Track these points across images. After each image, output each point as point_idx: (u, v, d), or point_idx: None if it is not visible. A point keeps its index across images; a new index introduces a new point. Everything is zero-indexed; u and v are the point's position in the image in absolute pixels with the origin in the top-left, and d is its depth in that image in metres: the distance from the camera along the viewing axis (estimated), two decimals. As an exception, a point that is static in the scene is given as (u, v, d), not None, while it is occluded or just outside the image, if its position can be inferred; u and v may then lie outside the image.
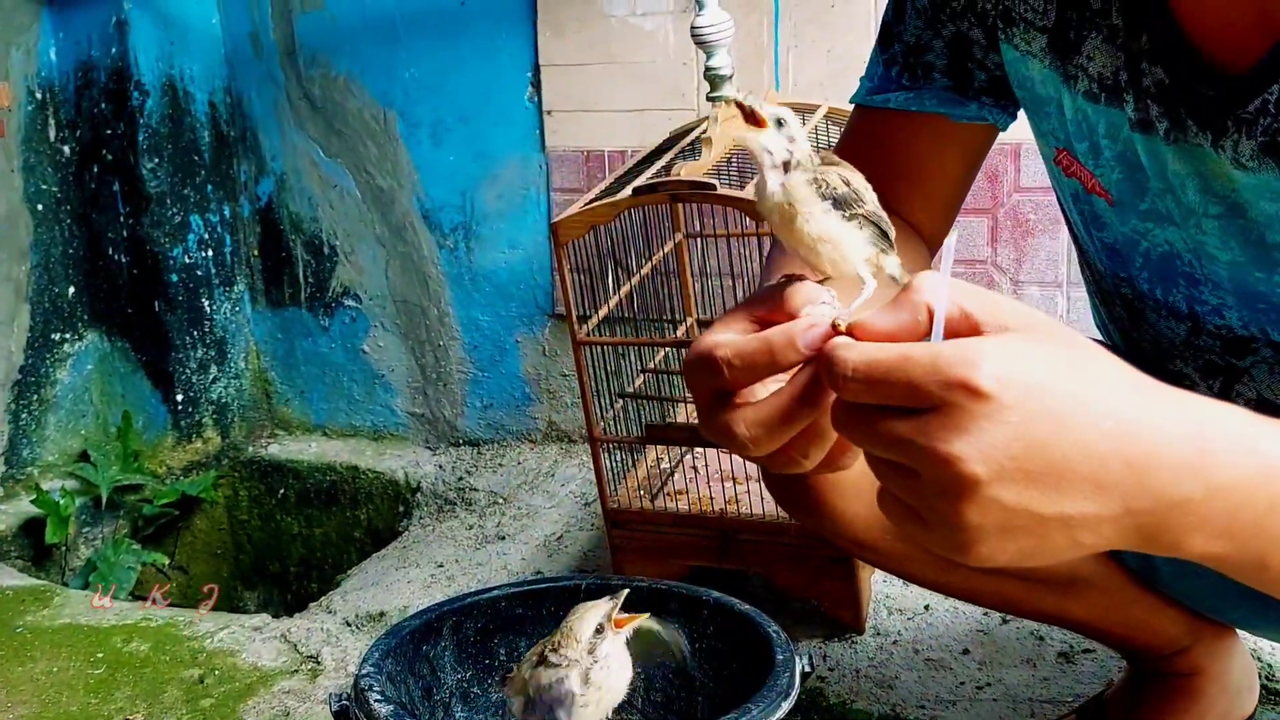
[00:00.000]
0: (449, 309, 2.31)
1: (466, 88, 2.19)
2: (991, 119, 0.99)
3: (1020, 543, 0.56)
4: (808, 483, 0.98)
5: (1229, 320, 0.93)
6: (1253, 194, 0.83)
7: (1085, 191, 0.96)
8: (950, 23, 0.95)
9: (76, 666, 1.62)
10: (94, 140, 2.29)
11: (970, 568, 1.04)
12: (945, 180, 1.04)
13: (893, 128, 1.00)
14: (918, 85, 0.98)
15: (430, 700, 1.08)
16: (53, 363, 2.32)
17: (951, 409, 0.55)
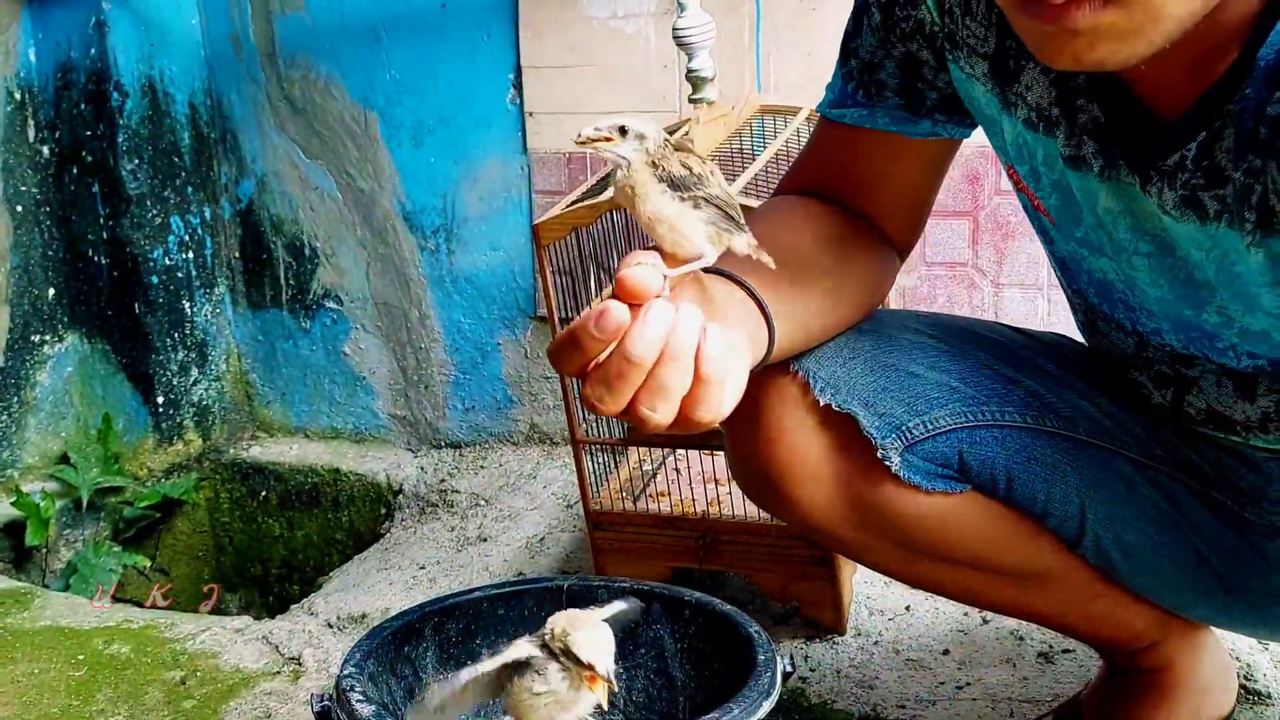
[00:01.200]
0: (430, 311, 2.31)
1: (447, 90, 2.19)
2: (946, 134, 1.01)
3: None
4: (769, 474, 1.01)
5: (1168, 341, 0.95)
6: (1179, 239, 0.84)
7: (1033, 208, 0.98)
8: (900, 43, 0.97)
9: (57, 668, 1.62)
10: (74, 141, 2.28)
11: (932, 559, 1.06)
12: (906, 189, 1.06)
13: (850, 140, 1.02)
14: (871, 103, 0.99)
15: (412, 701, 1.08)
16: (33, 365, 2.31)
17: None
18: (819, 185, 1.05)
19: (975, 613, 1.57)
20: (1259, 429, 0.96)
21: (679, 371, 0.71)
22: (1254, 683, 1.36)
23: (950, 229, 1.91)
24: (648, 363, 0.70)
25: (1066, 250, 0.98)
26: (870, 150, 1.02)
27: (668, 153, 0.76)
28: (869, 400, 0.98)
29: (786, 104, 1.77)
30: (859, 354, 1.00)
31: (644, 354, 0.70)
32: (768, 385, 0.99)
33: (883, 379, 1.00)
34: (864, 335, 1.02)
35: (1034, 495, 1.04)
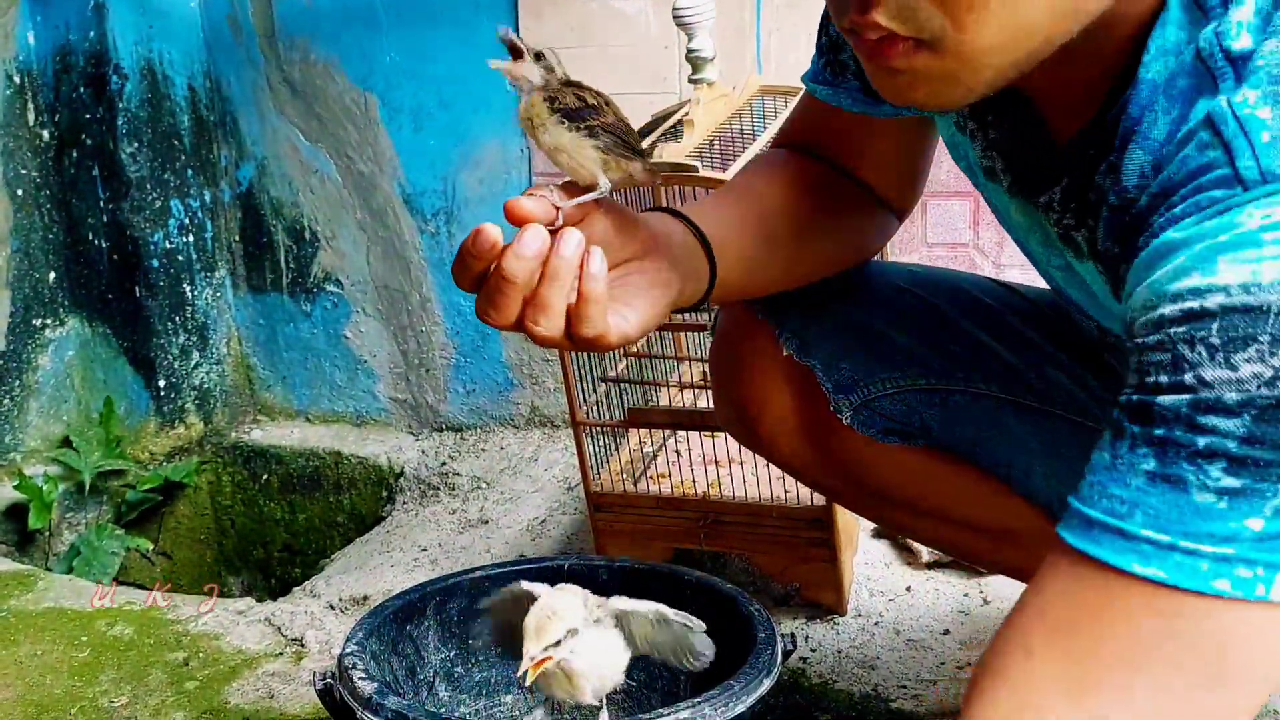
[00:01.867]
0: (431, 294, 2.31)
1: (447, 72, 2.18)
2: (912, 113, 0.99)
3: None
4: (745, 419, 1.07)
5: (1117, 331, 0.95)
6: (1074, 263, 0.84)
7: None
8: None
9: (61, 650, 1.62)
10: (73, 125, 2.28)
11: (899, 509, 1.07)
12: (889, 157, 1.06)
13: (827, 113, 1.04)
14: (836, 83, 1.00)
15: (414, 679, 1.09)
16: (34, 349, 2.31)
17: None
18: (807, 141, 1.07)
19: (976, 593, 1.58)
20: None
21: (557, 289, 0.77)
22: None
23: (951, 209, 1.91)
24: (520, 280, 0.76)
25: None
26: (845, 125, 1.03)
27: (560, 87, 0.82)
28: (831, 357, 1.02)
29: (787, 85, 1.76)
30: (831, 312, 1.04)
31: (515, 271, 0.76)
32: (744, 334, 1.05)
33: (850, 338, 1.04)
34: (842, 292, 1.05)
35: (997, 462, 1.06)
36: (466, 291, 0.80)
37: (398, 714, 0.92)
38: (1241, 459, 0.61)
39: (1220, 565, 0.62)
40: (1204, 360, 0.61)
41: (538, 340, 0.80)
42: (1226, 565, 0.62)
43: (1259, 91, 0.63)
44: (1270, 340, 0.60)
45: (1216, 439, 0.61)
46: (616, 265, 0.84)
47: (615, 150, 0.81)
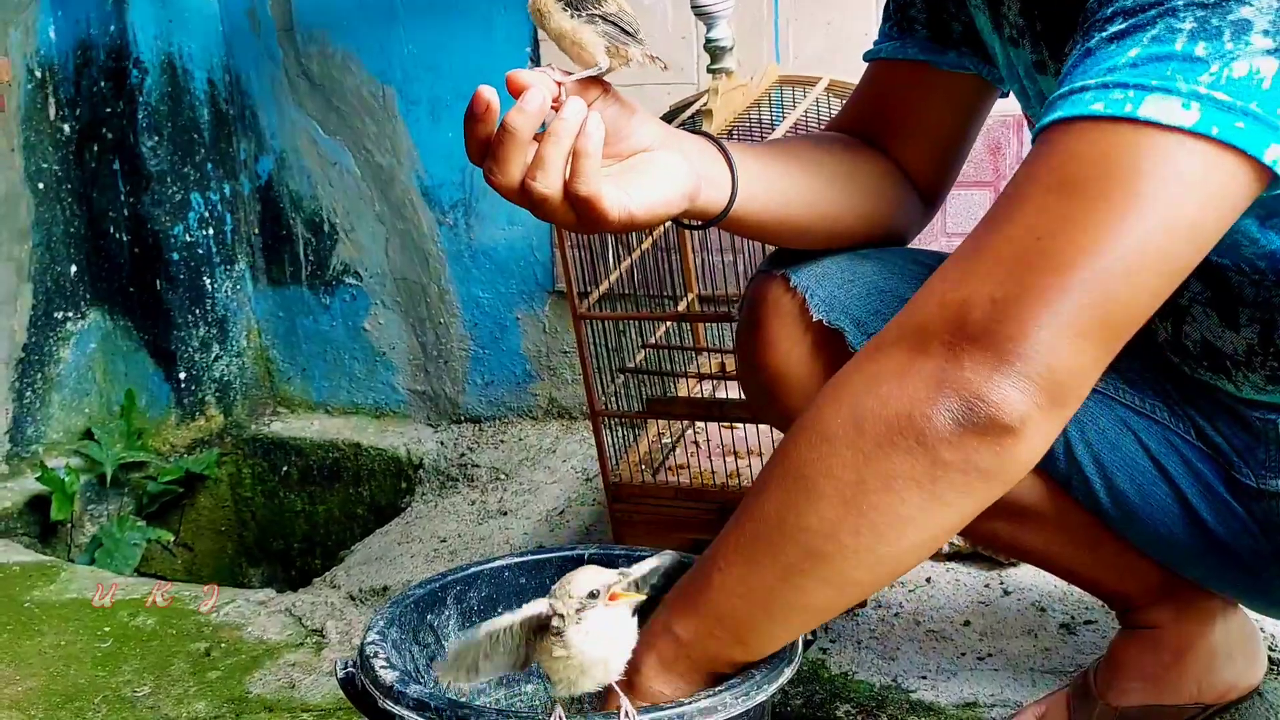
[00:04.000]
0: (449, 286, 2.31)
1: (464, 64, 2.19)
2: (974, 69, 1.08)
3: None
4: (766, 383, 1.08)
5: None
6: None
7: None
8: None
9: (84, 641, 1.64)
10: (94, 119, 2.29)
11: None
12: (936, 127, 1.12)
13: (885, 75, 1.11)
14: (903, 36, 1.09)
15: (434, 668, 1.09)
16: (56, 341, 2.33)
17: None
18: (856, 123, 1.13)
19: (997, 583, 1.57)
20: (1246, 365, 0.98)
21: (556, 147, 0.82)
22: (1277, 652, 1.35)
23: (971, 199, 1.90)
24: (521, 134, 0.81)
25: None
26: (903, 81, 1.09)
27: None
28: (860, 319, 1.03)
29: (805, 74, 1.75)
30: (859, 277, 1.05)
31: (518, 125, 0.81)
32: (769, 298, 1.06)
33: (877, 301, 1.04)
34: (868, 259, 1.07)
35: None
36: (475, 163, 0.85)
37: (419, 702, 0.92)
38: (1131, 9, 0.76)
39: (1100, 90, 0.76)
40: None
41: (537, 201, 0.83)
42: (1104, 90, 0.76)
43: None
44: None
45: (1118, 3, 0.76)
46: (629, 154, 0.89)
47: (614, 37, 0.88)
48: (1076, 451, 1.07)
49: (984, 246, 0.80)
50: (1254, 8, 0.73)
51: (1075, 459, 1.07)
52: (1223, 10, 0.73)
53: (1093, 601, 1.45)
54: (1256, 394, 1.01)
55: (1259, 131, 0.74)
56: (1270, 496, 1.03)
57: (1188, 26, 0.74)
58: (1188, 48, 0.73)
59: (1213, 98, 0.73)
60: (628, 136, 0.89)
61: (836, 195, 1.04)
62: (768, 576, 0.86)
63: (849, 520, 0.82)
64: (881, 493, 0.80)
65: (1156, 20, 0.74)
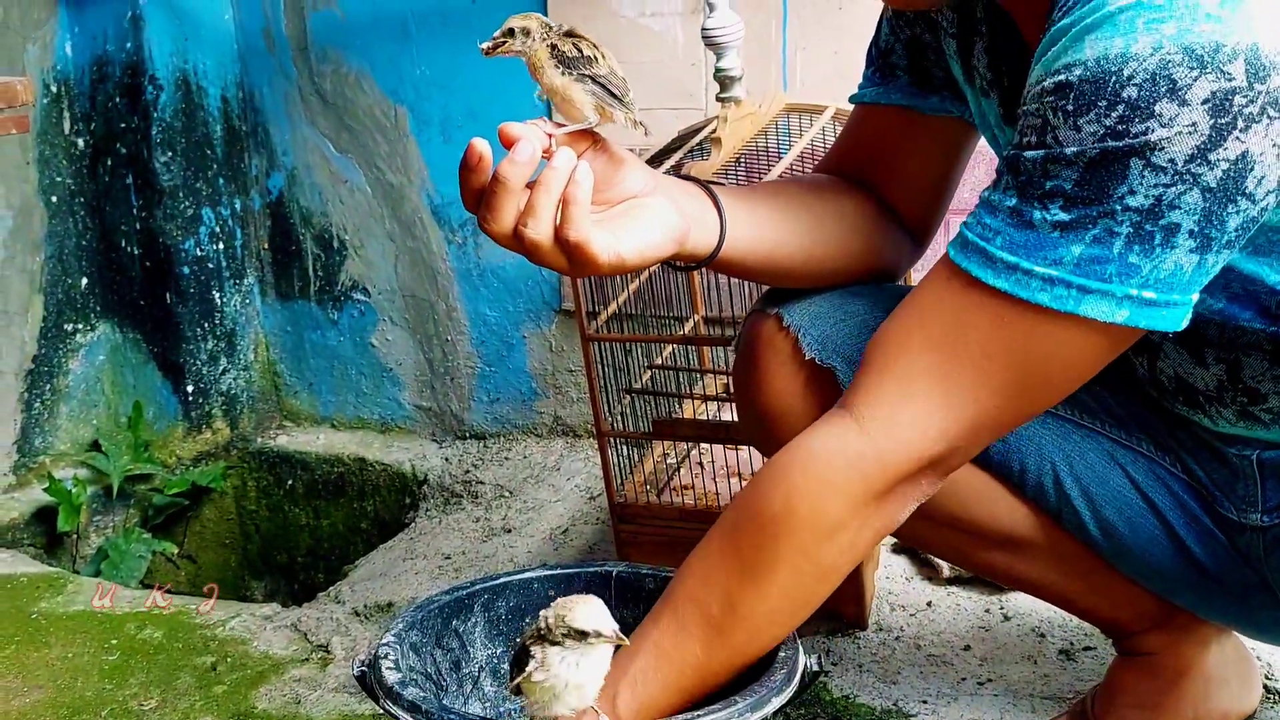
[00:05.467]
0: (457, 304, 2.33)
1: (476, 85, 2.21)
2: (956, 111, 1.11)
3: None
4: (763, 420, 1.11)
5: None
6: None
7: None
8: (906, 28, 1.10)
9: (91, 653, 1.65)
10: (108, 134, 2.32)
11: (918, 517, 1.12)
12: (922, 168, 1.15)
13: (872, 119, 1.15)
14: (886, 82, 1.12)
15: (459, 673, 1.11)
16: (65, 353, 2.34)
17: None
18: (844, 164, 1.17)
19: (996, 609, 1.59)
20: (1218, 400, 1.01)
21: (546, 195, 0.87)
22: (1275, 681, 1.36)
23: (975, 228, 1.92)
24: (513, 184, 0.86)
25: None
26: (887, 126, 1.13)
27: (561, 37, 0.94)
28: (852, 357, 1.05)
29: (812, 102, 1.78)
30: (850, 315, 1.08)
31: (509, 175, 0.86)
32: (763, 338, 1.10)
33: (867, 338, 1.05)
34: (859, 297, 1.10)
35: (1009, 462, 1.09)
36: (470, 210, 0.90)
37: (413, 705, 0.95)
38: (1073, 198, 0.81)
39: (1046, 284, 0.83)
40: (1060, 123, 0.80)
41: (529, 247, 0.88)
42: (1049, 285, 0.83)
43: None
44: (1107, 105, 0.78)
45: (1058, 183, 0.81)
46: (618, 200, 0.94)
47: (602, 98, 0.93)
48: (1065, 485, 1.09)
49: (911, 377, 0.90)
50: (1183, 210, 0.80)
51: (1065, 492, 1.09)
52: (1155, 216, 0.80)
53: (1091, 628, 1.47)
54: (1231, 428, 1.03)
55: (1175, 313, 0.84)
56: (1251, 530, 1.05)
57: (1125, 231, 0.80)
58: (1125, 253, 0.81)
59: (1142, 298, 0.82)
60: (617, 184, 0.94)
61: (825, 236, 1.08)
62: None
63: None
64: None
65: (1098, 220, 0.80)
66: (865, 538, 0.94)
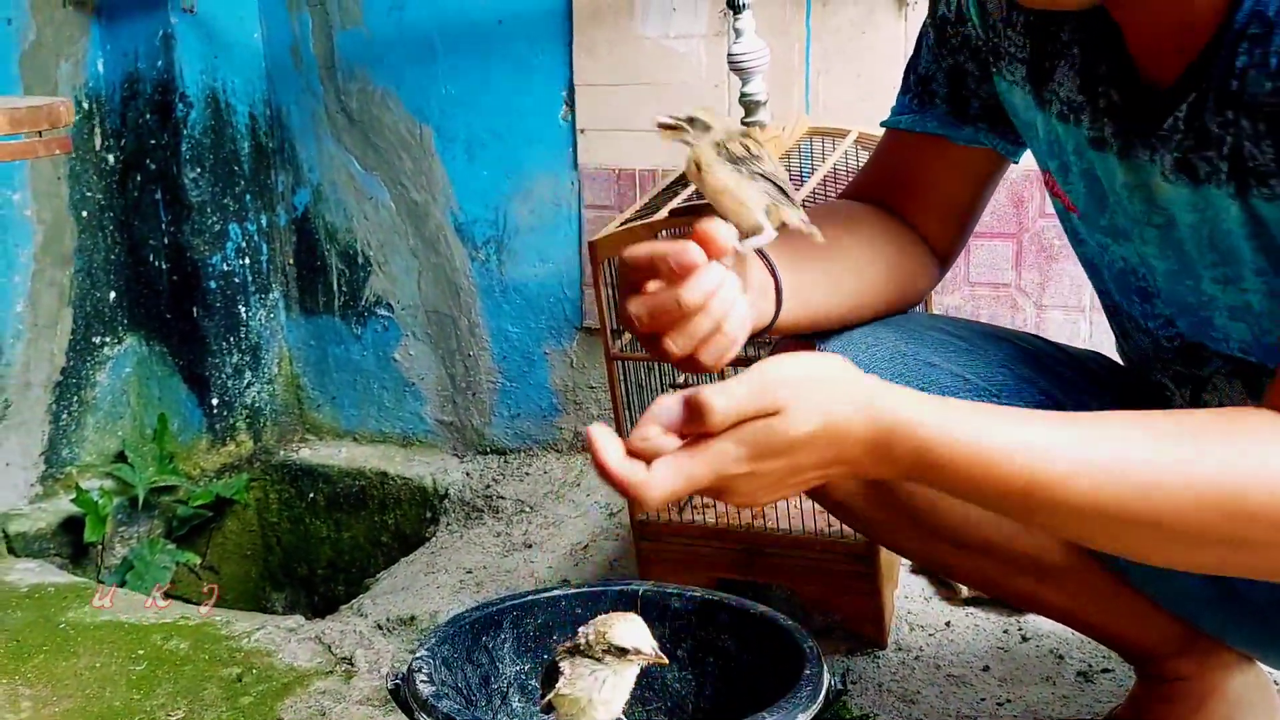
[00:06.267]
0: (479, 320, 2.36)
1: (501, 105, 2.24)
2: (989, 143, 1.12)
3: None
4: None
5: (1180, 329, 1.02)
6: (1176, 207, 0.93)
7: (1065, 210, 1.08)
8: (949, 56, 1.10)
9: (118, 663, 1.67)
10: (138, 150, 2.35)
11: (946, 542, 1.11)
12: (950, 197, 1.17)
13: (904, 146, 1.16)
14: (923, 109, 1.13)
15: (488, 688, 1.13)
16: (93, 365, 2.38)
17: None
18: (872, 189, 1.18)
19: (1015, 630, 1.60)
20: None
21: (709, 322, 0.86)
22: (1293, 707, 1.37)
23: (994, 250, 1.94)
24: (691, 309, 0.85)
25: (1093, 244, 1.06)
26: (920, 153, 1.14)
27: (730, 135, 0.88)
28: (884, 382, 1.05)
29: (835, 126, 1.80)
30: (881, 342, 1.10)
31: (691, 301, 0.84)
32: None
33: (900, 365, 1.08)
34: (888, 327, 1.12)
35: None
36: (626, 289, 0.87)
37: (447, 716, 0.97)
38: None
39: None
40: None
41: (661, 352, 0.87)
42: None
43: None
44: None
45: None
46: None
47: (774, 197, 0.88)
48: None
49: None
50: None
51: None
52: None
53: (1110, 651, 1.48)
54: None
55: None
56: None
57: None
58: None
59: None
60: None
61: (866, 286, 1.10)
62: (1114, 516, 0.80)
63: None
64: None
65: None
66: None
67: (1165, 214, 0.94)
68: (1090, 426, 0.81)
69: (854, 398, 0.79)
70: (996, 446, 0.78)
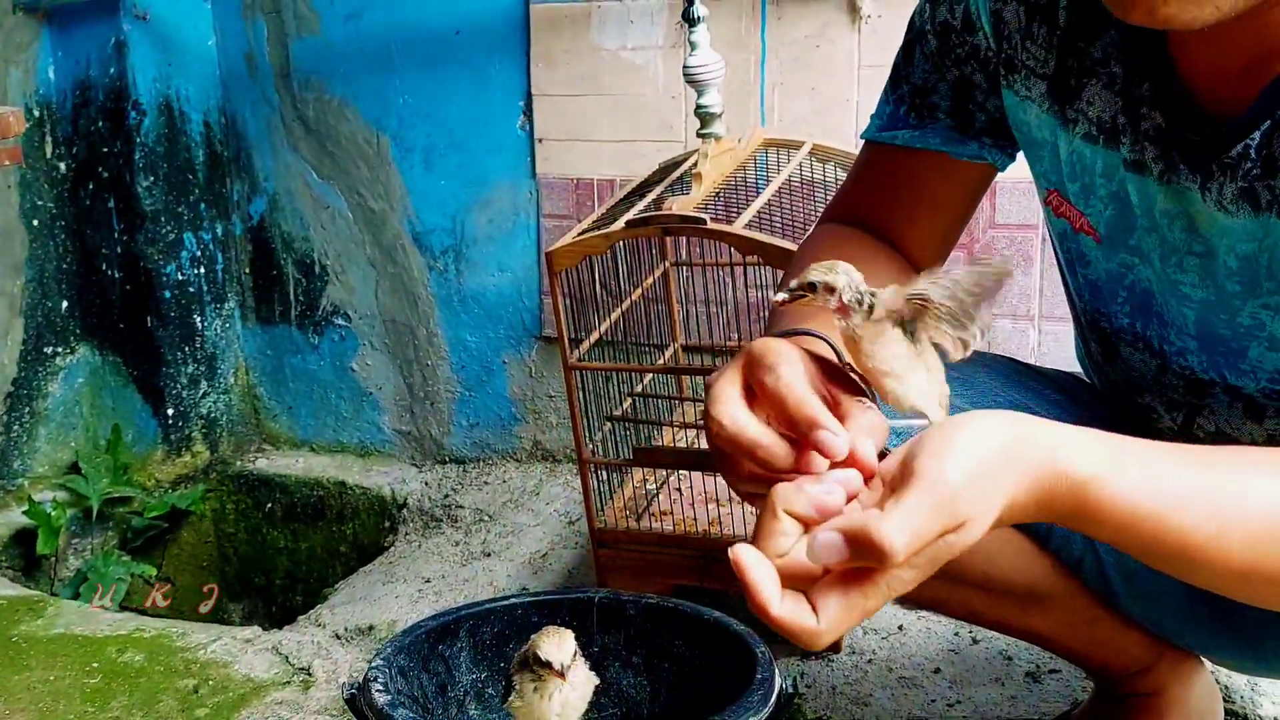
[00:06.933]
0: (437, 329, 2.36)
1: (459, 114, 2.25)
2: (990, 159, 1.07)
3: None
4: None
5: (1190, 364, 1.00)
6: (1231, 238, 0.90)
7: (1073, 231, 1.03)
8: (954, 68, 1.03)
9: (72, 676, 1.66)
10: (90, 158, 2.33)
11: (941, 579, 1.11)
12: (945, 214, 1.11)
13: (899, 162, 1.08)
14: (923, 124, 1.06)
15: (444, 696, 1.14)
16: (45, 376, 2.35)
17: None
18: (863, 211, 1.11)
19: (966, 633, 1.63)
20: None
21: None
22: (1231, 704, 1.41)
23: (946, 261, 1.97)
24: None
25: (1109, 267, 1.02)
26: (918, 170, 1.08)
27: (873, 296, 0.75)
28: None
29: (790, 138, 1.82)
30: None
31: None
32: None
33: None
34: None
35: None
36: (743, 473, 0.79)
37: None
38: None
39: None
40: None
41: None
42: None
43: None
44: None
45: None
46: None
47: (951, 347, 0.76)
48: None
49: None
50: None
51: (1090, 540, 1.09)
52: None
53: (1059, 652, 1.51)
54: None
55: None
56: None
57: None
58: None
59: None
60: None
61: None
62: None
63: None
64: None
65: None
66: None
67: (1206, 244, 0.91)
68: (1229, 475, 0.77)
69: (1036, 473, 0.71)
70: (1162, 509, 0.74)
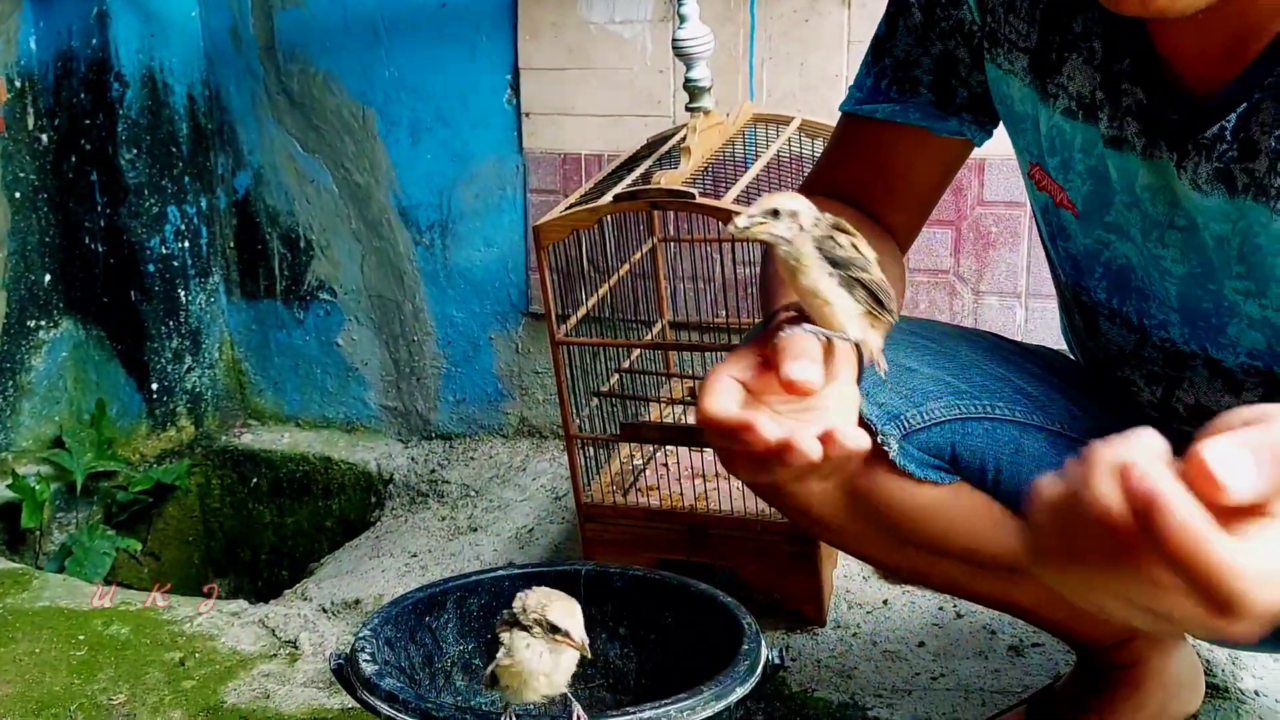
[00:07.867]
0: (424, 305, 2.35)
1: (445, 88, 2.23)
2: (969, 134, 1.08)
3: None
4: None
5: (1172, 335, 1.01)
6: (1205, 215, 0.90)
7: (1054, 205, 1.03)
8: (939, 41, 1.03)
9: (58, 648, 1.66)
10: (73, 130, 2.31)
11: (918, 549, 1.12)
12: (922, 186, 1.13)
13: (878, 136, 1.09)
14: (904, 98, 1.06)
15: (431, 667, 1.14)
16: (28, 349, 2.34)
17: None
18: (843, 183, 1.11)
19: (950, 607, 1.64)
20: None
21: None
22: (1212, 678, 1.43)
23: (933, 237, 1.97)
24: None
25: (1087, 242, 1.03)
26: (896, 144, 1.08)
27: (828, 229, 0.81)
28: (868, 391, 1.03)
29: (779, 113, 1.82)
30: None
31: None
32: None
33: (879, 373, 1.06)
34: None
35: (1020, 487, 1.09)
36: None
37: (390, 695, 0.98)
38: None
39: None
40: None
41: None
42: None
43: None
44: None
45: None
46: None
47: (872, 306, 0.82)
48: None
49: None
50: None
51: None
52: None
53: (1042, 626, 1.52)
54: None
55: None
56: None
57: None
58: None
59: None
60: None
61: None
62: None
63: None
64: None
65: None
66: None
67: (1189, 218, 0.92)
68: None
69: None
70: None
